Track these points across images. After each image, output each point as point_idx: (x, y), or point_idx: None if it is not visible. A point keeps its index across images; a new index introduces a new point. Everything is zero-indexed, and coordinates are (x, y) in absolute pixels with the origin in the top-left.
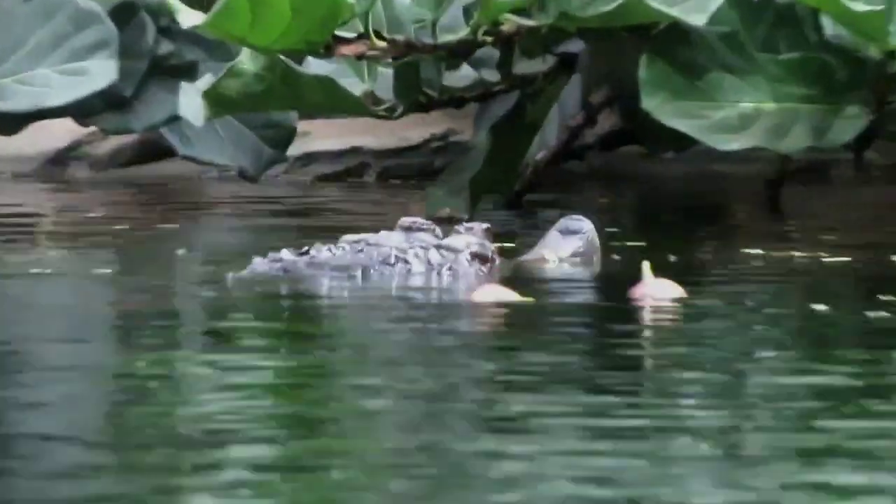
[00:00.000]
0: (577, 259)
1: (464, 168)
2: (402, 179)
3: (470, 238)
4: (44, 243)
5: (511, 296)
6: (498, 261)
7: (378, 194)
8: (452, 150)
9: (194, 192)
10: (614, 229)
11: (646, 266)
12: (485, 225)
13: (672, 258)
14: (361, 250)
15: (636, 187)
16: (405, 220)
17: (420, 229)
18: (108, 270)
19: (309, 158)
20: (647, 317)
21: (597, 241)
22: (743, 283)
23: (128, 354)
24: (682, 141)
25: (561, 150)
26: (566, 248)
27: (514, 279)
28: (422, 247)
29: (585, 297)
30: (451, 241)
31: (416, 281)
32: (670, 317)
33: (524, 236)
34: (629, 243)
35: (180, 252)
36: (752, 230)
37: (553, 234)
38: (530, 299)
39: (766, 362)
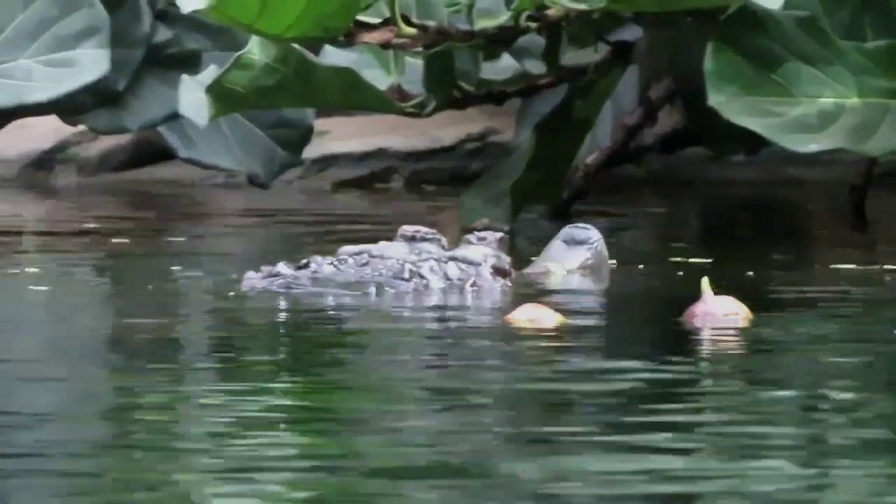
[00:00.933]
0: (585, 272)
1: (504, 173)
2: (434, 185)
3: (485, 249)
4: (26, 261)
5: (553, 318)
6: (514, 274)
7: (406, 202)
8: (491, 152)
9: (197, 200)
10: (676, 242)
11: (705, 283)
12: (499, 234)
13: (739, 274)
14: (366, 263)
15: (700, 194)
16: (407, 229)
17: (424, 239)
18: (101, 290)
19: (327, 162)
20: (704, 345)
21: (605, 251)
22: (820, 305)
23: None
24: (753, 141)
25: (615, 151)
26: (573, 260)
27: (535, 297)
28: (436, 259)
29: (633, 320)
30: (467, 252)
31: (439, 299)
32: (732, 344)
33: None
34: (692, 259)
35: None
36: (833, 243)
37: (557, 245)
38: (570, 322)
39: (842, 410)
